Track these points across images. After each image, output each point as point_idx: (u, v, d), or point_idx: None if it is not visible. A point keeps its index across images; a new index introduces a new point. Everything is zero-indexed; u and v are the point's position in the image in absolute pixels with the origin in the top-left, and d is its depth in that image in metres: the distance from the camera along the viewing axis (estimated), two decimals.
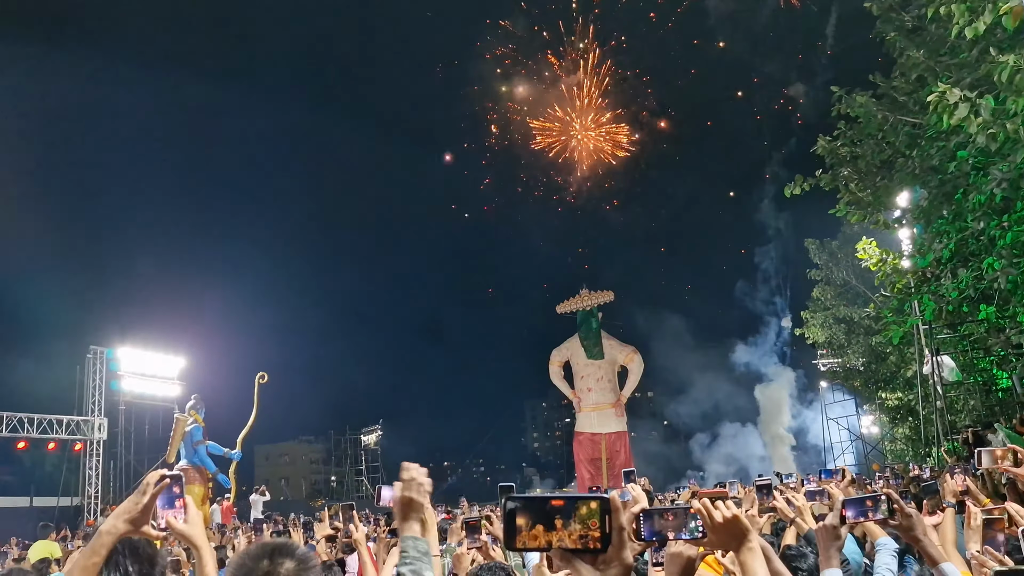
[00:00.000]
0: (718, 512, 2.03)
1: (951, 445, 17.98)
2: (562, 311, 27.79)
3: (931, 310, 14.12)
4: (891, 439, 32.35)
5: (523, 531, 1.22)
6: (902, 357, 27.39)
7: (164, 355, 29.42)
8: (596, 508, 1.22)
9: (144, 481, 2.35)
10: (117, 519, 2.31)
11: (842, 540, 2.94)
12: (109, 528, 2.30)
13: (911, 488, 9.61)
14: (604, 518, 1.22)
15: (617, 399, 26.44)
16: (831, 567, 2.85)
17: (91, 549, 2.30)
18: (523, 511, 1.23)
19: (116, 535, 2.31)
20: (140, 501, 2.32)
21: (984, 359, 20.41)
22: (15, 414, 25.32)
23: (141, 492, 2.33)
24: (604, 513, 1.22)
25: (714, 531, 2.03)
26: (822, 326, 32.42)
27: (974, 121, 8.83)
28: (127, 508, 2.32)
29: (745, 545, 2.06)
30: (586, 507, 1.22)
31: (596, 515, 1.22)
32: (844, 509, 2.98)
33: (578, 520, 1.22)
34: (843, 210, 14.99)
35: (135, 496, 2.34)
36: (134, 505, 2.32)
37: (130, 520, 2.31)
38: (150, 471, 2.55)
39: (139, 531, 2.34)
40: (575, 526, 1.22)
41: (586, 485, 24.98)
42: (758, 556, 2.07)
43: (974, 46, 11.00)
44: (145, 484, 2.34)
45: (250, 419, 26.10)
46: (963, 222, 12.76)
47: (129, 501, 2.34)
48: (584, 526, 1.22)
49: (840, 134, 14.40)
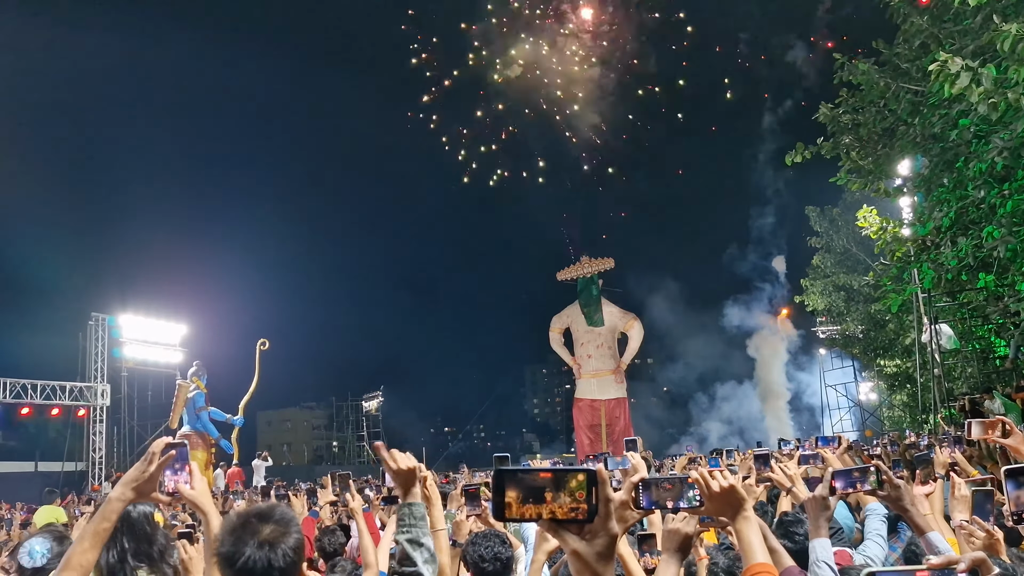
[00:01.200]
0: (715, 481, 2.07)
1: (948, 412, 18.12)
2: (562, 278, 27.85)
3: (930, 278, 14.14)
4: (889, 406, 32.57)
5: (513, 503, 1.25)
6: (901, 325, 27.48)
7: (166, 322, 29.52)
8: (583, 480, 1.25)
9: (150, 450, 2.40)
10: (125, 486, 2.37)
11: (831, 511, 3.00)
12: (118, 495, 2.36)
13: (906, 455, 9.71)
14: (591, 490, 1.24)
15: (617, 365, 26.59)
16: (820, 536, 2.92)
17: (101, 515, 2.35)
18: (513, 484, 1.25)
19: (125, 501, 2.37)
20: (147, 469, 2.38)
21: (982, 327, 20.50)
22: (19, 380, 25.47)
23: (147, 460, 2.39)
24: (591, 485, 1.24)
25: (711, 500, 2.07)
26: (822, 293, 32.47)
27: (975, 90, 8.77)
28: (134, 476, 2.38)
29: (741, 514, 2.10)
30: (574, 479, 1.25)
31: (583, 487, 1.24)
32: (833, 480, 3.04)
33: (567, 492, 1.24)
34: (844, 178, 14.94)
35: (141, 464, 2.39)
36: (141, 473, 2.38)
37: (137, 488, 2.37)
38: (153, 437, 2.60)
39: (147, 498, 2.40)
40: (564, 498, 1.24)
41: (585, 451, 25.20)
42: (754, 525, 2.11)
43: (978, 13, 10.90)
44: (151, 453, 2.39)
45: (252, 385, 26.29)
46: (964, 190, 12.73)
47: (135, 469, 2.39)
48: (572, 498, 1.24)
49: (842, 101, 14.31)
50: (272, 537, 2.08)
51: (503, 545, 3.58)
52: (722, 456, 8.72)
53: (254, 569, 2.02)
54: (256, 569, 2.02)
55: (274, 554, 2.05)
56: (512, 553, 3.63)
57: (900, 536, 4.60)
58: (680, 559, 2.35)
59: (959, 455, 5.67)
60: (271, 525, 2.11)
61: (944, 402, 18.82)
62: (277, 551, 2.05)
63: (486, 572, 3.52)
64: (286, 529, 2.12)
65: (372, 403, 44.48)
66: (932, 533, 3.04)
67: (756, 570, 2.08)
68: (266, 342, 26.43)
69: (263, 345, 26.34)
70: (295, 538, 2.12)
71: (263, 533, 2.08)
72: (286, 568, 2.05)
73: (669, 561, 2.35)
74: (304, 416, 64.63)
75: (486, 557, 3.52)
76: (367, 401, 44.59)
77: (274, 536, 2.08)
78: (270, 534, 2.08)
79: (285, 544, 2.08)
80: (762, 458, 5.31)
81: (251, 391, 26.28)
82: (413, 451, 2.64)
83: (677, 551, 2.35)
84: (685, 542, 2.35)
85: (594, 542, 1.26)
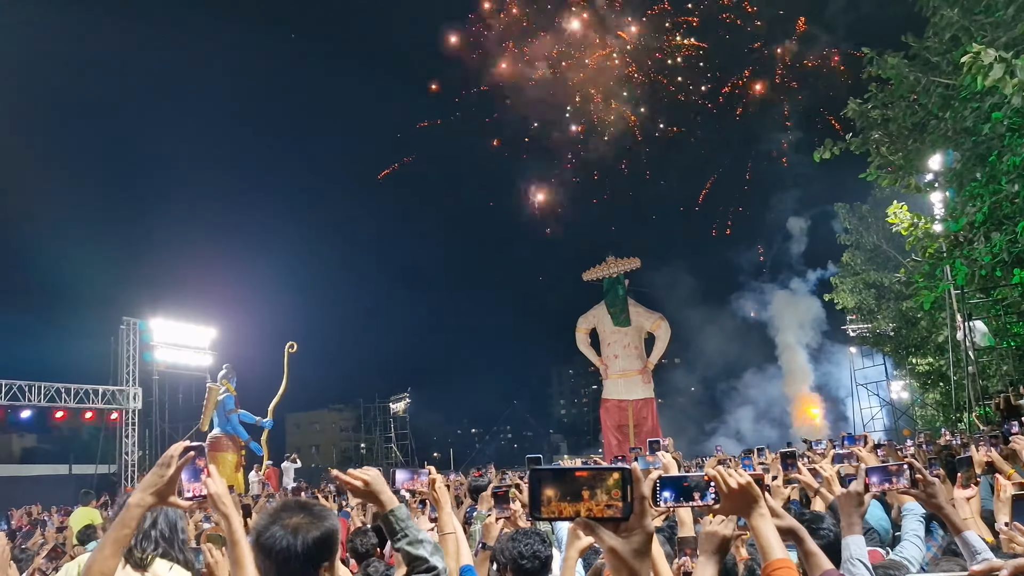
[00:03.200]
0: (732, 479, 2.10)
1: (983, 410, 17.82)
2: (588, 278, 27.77)
3: (963, 275, 13.92)
4: (921, 404, 32.11)
5: (551, 502, 1.28)
6: (933, 322, 27.09)
7: (196, 326, 29.85)
8: (619, 479, 1.28)
9: (167, 453, 2.41)
10: (144, 492, 2.38)
11: (865, 507, 2.96)
12: (137, 501, 2.37)
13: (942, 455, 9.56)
14: (626, 488, 1.28)
15: (644, 365, 26.46)
16: (854, 533, 2.87)
17: (121, 521, 2.36)
18: (549, 483, 1.29)
19: (144, 507, 2.38)
20: (164, 474, 2.38)
21: (1018, 323, 20.14)
22: (52, 384, 25.89)
23: (165, 464, 2.39)
24: (625, 483, 1.28)
25: (727, 498, 2.09)
26: (852, 291, 32.09)
27: (1009, 82, 8.62)
28: (152, 481, 2.39)
29: (756, 511, 2.12)
30: (610, 478, 1.28)
31: (619, 485, 1.28)
32: (867, 477, 3.00)
33: (603, 490, 1.28)
34: (874, 174, 14.74)
35: (159, 468, 2.40)
36: (159, 478, 2.38)
37: (156, 492, 2.38)
38: (185, 439, 2.62)
39: (165, 502, 2.41)
40: (601, 496, 1.28)
41: (613, 452, 25.10)
42: (768, 522, 2.13)
43: (1010, 4, 10.74)
44: (169, 456, 2.40)
45: (280, 388, 26.45)
46: (997, 185, 12.51)
47: (153, 474, 2.40)
48: (609, 496, 1.28)
49: (871, 96, 14.13)
50: (299, 524, 2.22)
51: (543, 543, 3.55)
52: (754, 455, 8.65)
53: (273, 547, 2.17)
54: (276, 548, 2.17)
55: (294, 539, 2.18)
56: (551, 552, 3.61)
57: (933, 535, 4.53)
58: (718, 561, 2.34)
59: (995, 454, 5.58)
60: (303, 515, 2.26)
61: (979, 400, 18.51)
62: (298, 538, 2.18)
63: (525, 570, 3.50)
64: (316, 522, 2.25)
65: (399, 405, 44.67)
66: (968, 532, 2.99)
67: (776, 566, 2.08)
68: (294, 345, 26.60)
69: (291, 348, 26.51)
70: (323, 532, 2.24)
71: (293, 519, 2.23)
72: (305, 556, 2.17)
73: (707, 563, 2.34)
74: (332, 418, 65.00)
75: (525, 554, 3.49)
76: (394, 403, 44.79)
77: (301, 524, 2.22)
78: (299, 521, 2.22)
79: (309, 534, 2.21)
80: (788, 457, 5.25)
81: (280, 393, 26.45)
82: (440, 452, 2.65)
83: (715, 553, 2.34)
84: (723, 544, 2.35)
85: (631, 539, 1.29)
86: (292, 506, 2.28)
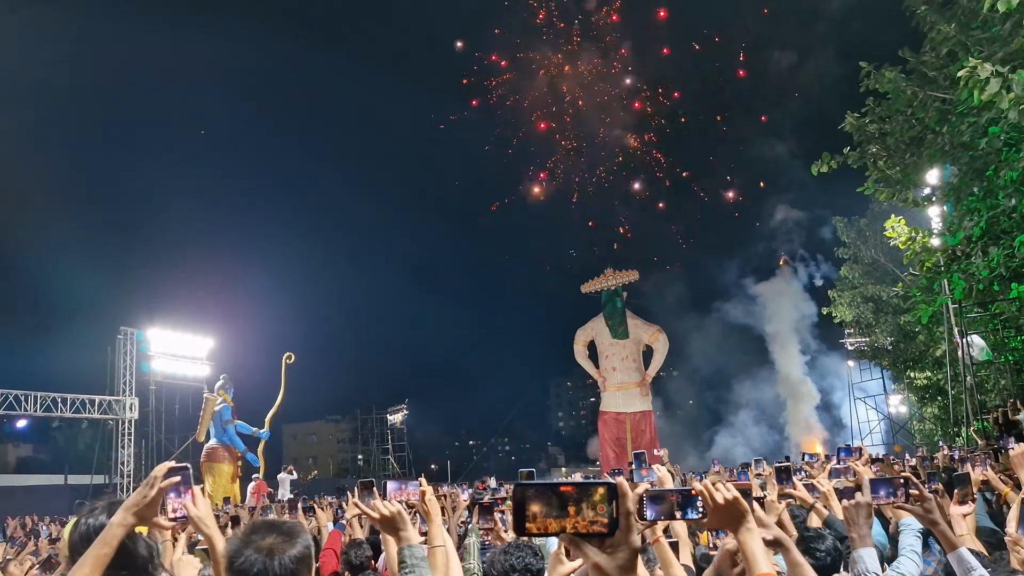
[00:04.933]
0: (719, 493, 2.09)
1: (981, 425, 17.81)
2: (587, 291, 27.80)
3: (961, 289, 13.92)
4: (919, 419, 32.09)
5: (536, 517, 1.27)
6: (931, 336, 27.10)
7: (193, 336, 29.83)
8: (604, 494, 1.27)
9: (152, 474, 2.38)
10: (126, 511, 2.35)
11: (872, 518, 2.95)
12: (120, 520, 2.34)
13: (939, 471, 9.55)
14: (612, 503, 1.27)
15: (642, 378, 26.45)
16: (866, 546, 2.85)
17: (102, 540, 2.32)
18: (534, 498, 1.27)
19: (127, 527, 2.34)
20: (147, 494, 2.35)
21: (1015, 338, 20.15)
22: (49, 394, 25.82)
23: (148, 485, 2.36)
24: (611, 498, 1.27)
25: (714, 512, 2.09)
26: (850, 305, 32.11)
27: (1006, 96, 8.64)
28: (135, 501, 2.36)
29: (744, 526, 2.11)
30: (596, 493, 1.27)
31: (605, 500, 1.27)
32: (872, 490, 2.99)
33: (589, 506, 1.27)
34: (871, 188, 14.75)
35: (143, 488, 2.37)
36: (142, 498, 2.35)
37: (138, 512, 2.35)
38: (173, 457, 2.59)
39: (148, 523, 2.38)
40: (587, 512, 1.27)
41: (610, 465, 25.04)
42: (755, 536, 2.12)
43: (1007, 19, 10.76)
44: (153, 477, 2.37)
45: (278, 399, 26.44)
46: (994, 199, 12.53)
47: (137, 494, 2.37)
48: (594, 512, 1.27)
49: (868, 110, 14.16)
50: (273, 545, 2.15)
51: (534, 556, 3.53)
52: (750, 468, 8.62)
53: (249, 571, 2.10)
54: (251, 572, 2.10)
55: (271, 561, 2.11)
56: (543, 565, 3.58)
57: (932, 551, 4.52)
58: None
59: (991, 473, 5.58)
60: (275, 535, 2.18)
61: (977, 415, 18.50)
62: (275, 559, 2.12)
63: None
64: (290, 540, 2.18)
65: (397, 416, 44.61)
66: (962, 549, 2.98)
67: None
68: (292, 356, 26.60)
69: (289, 359, 26.50)
70: (299, 550, 2.18)
71: (266, 541, 2.15)
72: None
73: None
74: (329, 429, 64.82)
75: (516, 567, 3.47)
76: (392, 414, 44.73)
77: (276, 545, 2.15)
78: (272, 542, 2.15)
79: (285, 554, 2.14)
80: (783, 471, 5.22)
81: (277, 404, 26.43)
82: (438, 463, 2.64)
83: None
84: None
85: (616, 555, 1.28)
86: (262, 527, 2.21)
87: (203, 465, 23.77)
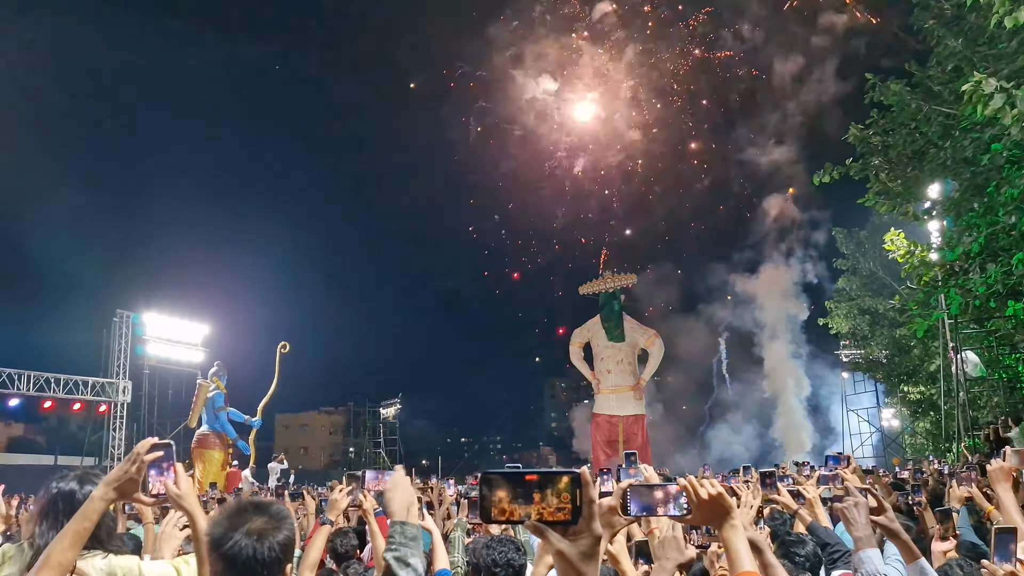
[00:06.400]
0: (703, 489, 2.08)
1: (972, 441, 17.82)
2: (585, 292, 27.80)
3: (957, 304, 13.92)
4: (912, 433, 32.12)
5: (500, 504, 1.29)
6: (926, 351, 27.12)
7: (188, 321, 29.81)
8: (569, 482, 1.29)
9: (134, 450, 2.36)
10: (107, 486, 2.33)
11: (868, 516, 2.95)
12: (101, 495, 2.32)
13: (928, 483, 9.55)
14: (575, 492, 1.28)
15: (636, 382, 26.46)
16: (871, 546, 2.84)
17: (82, 514, 2.30)
18: (500, 486, 1.29)
19: (108, 501, 2.33)
20: (129, 470, 2.34)
21: (1010, 356, 20.17)
22: (42, 374, 25.78)
23: (131, 461, 2.35)
24: (575, 487, 1.29)
25: (699, 508, 2.08)
26: (846, 316, 32.14)
27: (1009, 112, 8.65)
28: (117, 476, 2.34)
29: (728, 522, 2.11)
30: (560, 481, 1.29)
31: (568, 489, 1.28)
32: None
33: (554, 494, 1.29)
34: (872, 200, 14.76)
35: (125, 464, 2.35)
36: (123, 473, 2.34)
37: (120, 488, 2.33)
38: (156, 436, 2.57)
39: (129, 498, 2.36)
40: (552, 499, 1.28)
41: (601, 467, 25.03)
42: (740, 534, 2.12)
43: (1013, 36, 10.77)
44: (135, 453, 2.35)
45: (271, 387, 26.42)
46: (994, 216, 12.54)
47: (119, 469, 2.36)
48: (559, 499, 1.28)
49: (872, 122, 14.16)
50: (262, 528, 2.09)
51: (517, 551, 3.53)
52: (739, 474, 8.63)
53: (239, 556, 2.04)
54: (241, 556, 2.04)
55: (260, 545, 2.06)
56: (525, 560, 3.58)
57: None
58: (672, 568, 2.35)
59: (975, 490, 5.57)
60: (264, 517, 2.12)
61: (968, 431, 18.51)
62: (264, 543, 2.06)
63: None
64: (278, 524, 2.13)
65: (390, 410, 44.60)
66: (922, 560, 2.99)
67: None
68: (287, 345, 26.58)
69: (284, 348, 26.49)
70: (285, 534, 2.13)
71: (255, 523, 2.09)
72: (270, 562, 2.06)
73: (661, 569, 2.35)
74: (321, 420, 64.80)
75: (499, 562, 3.47)
76: (385, 408, 44.72)
77: (265, 528, 2.09)
78: (262, 525, 2.10)
79: (273, 538, 2.09)
80: (768, 477, 5.22)
81: (270, 393, 26.41)
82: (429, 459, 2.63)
83: None
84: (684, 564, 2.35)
85: (578, 542, 1.30)
86: (249, 508, 2.14)
87: (194, 451, 23.74)
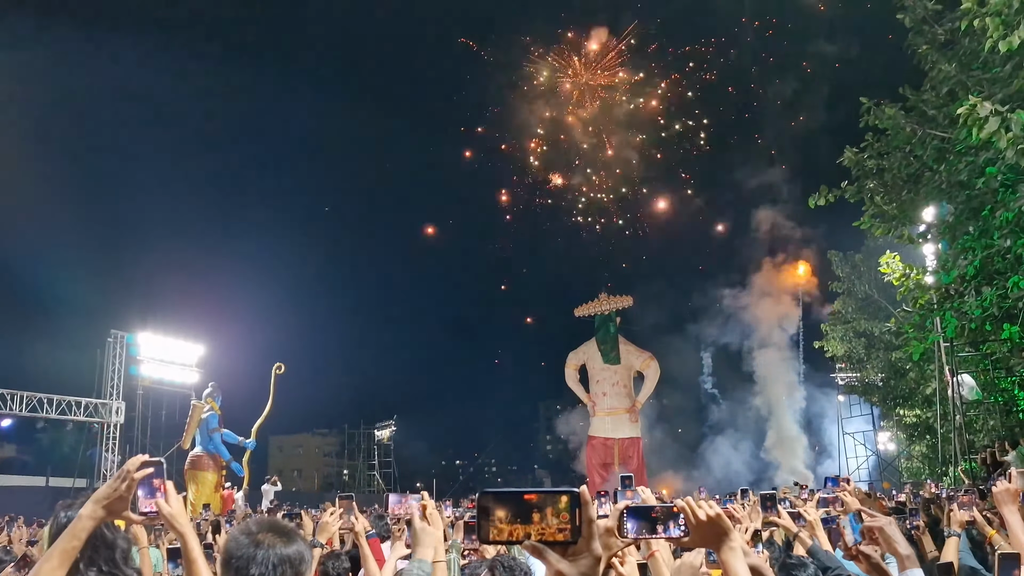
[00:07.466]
0: (701, 511, 2.06)
1: (969, 465, 17.78)
2: (580, 314, 27.80)
3: (953, 327, 13.94)
4: (908, 456, 32.04)
5: (499, 524, 1.29)
6: (922, 374, 27.11)
7: (183, 342, 29.72)
8: (568, 502, 1.28)
9: (124, 468, 2.33)
10: (96, 504, 2.29)
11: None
12: (89, 513, 2.28)
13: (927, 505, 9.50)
14: (575, 511, 1.28)
15: (632, 404, 26.41)
16: (916, 566, 2.82)
17: (71, 533, 2.27)
18: (499, 506, 1.29)
19: (96, 520, 2.29)
20: (118, 487, 2.30)
21: (1006, 379, 20.17)
22: (35, 394, 25.63)
23: (120, 478, 2.31)
24: (574, 507, 1.28)
25: (697, 530, 2.06)
26: (842, 339, 32.13)
27: (1004, 136, 8.70)
28: (106, 494, 2.30)
29: (726, 544, 2.08)
30: (559, 501, 1.29)
31: (568, 509, 1.28)
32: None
33: (553, 513, 1.28)
34: (867, 223, 14.81)
35: (114, 482, 2.31)
36: (112, 491, 2.30)
37: (109, 506, 2.30)
38: (164, 456, 2.55)
39: (118, 516, 2.33)
40: (551, 519, 1.28)
41: (596, 490, 24.90)
42: (739, 556, 2.10)
43: (1007, 61, 10.85)
44: (125, 471, 2.32)
45: (265, 409, 26.30)
46: (989, 239, 12.58)
47: (108, 487, 2.32)
48: (558, 519, 1.28)
49: (867, 146, 14.24)
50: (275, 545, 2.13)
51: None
52: (736, 497, 8.58)
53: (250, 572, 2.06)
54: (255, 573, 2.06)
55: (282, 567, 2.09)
56: None
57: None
58: None
59: (976, 513, 5.52)
60: (280, 536, 2.16)
61: (965, 454, 18.47)
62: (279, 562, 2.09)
63: None
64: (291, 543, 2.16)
65: (384, 432, 44.43)
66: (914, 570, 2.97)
67: None
68: (282, 366, 26.49)
69: (279, 369, 26.39)
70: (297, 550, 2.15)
71: (270, 540, 2.14)
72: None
73: None
74: (316, 442, 64.49)
75: None
76: (379, 430, 44.55)
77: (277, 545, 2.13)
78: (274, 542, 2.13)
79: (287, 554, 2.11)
80: (768, 499, 5.19)
81: (264, 415, 26.28)
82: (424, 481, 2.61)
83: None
84: None
85: (578, 562, 1.29)
86: (266, 525, 2.17)
87: (187, 473, 23.59)
